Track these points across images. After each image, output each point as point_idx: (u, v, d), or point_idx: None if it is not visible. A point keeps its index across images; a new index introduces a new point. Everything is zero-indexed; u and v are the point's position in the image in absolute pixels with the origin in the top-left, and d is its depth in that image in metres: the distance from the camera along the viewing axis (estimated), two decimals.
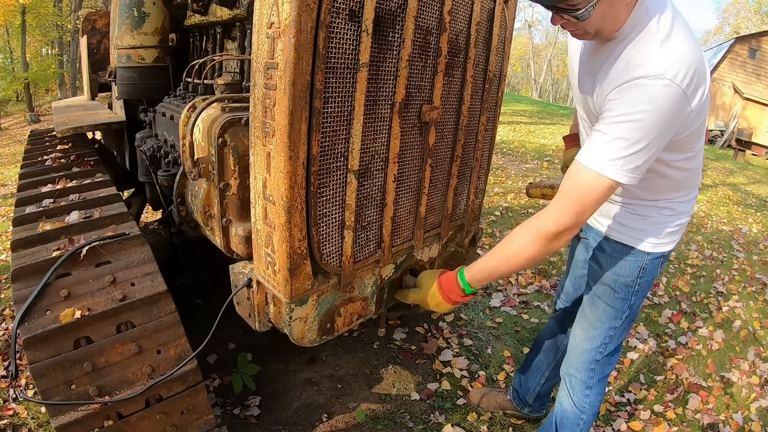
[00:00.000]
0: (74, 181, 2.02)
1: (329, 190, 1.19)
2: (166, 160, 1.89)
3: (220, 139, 1.38)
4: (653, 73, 0.99)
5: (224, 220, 1.46)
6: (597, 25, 1.05)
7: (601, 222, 1.43)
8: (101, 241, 1.49)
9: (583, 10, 1.00)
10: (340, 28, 1.05)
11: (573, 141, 1.75)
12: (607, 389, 2.28)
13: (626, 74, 1.03)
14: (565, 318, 1.79)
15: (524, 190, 1.72)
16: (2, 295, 2.93)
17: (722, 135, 14.97)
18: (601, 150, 1.04)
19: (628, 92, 1.01)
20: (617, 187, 1.06)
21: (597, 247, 1.45)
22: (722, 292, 3.53)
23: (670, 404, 2.25)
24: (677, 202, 1.32)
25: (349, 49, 1.09)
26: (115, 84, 2.46)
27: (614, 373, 2.42)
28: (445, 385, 2.24)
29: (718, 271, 3.92)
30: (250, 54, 1.31)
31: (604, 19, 1.04)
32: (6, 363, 2.23)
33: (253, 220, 1.24)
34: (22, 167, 2.29)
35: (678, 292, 3.43)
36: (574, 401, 1.54)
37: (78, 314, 1.30)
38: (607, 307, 1.43)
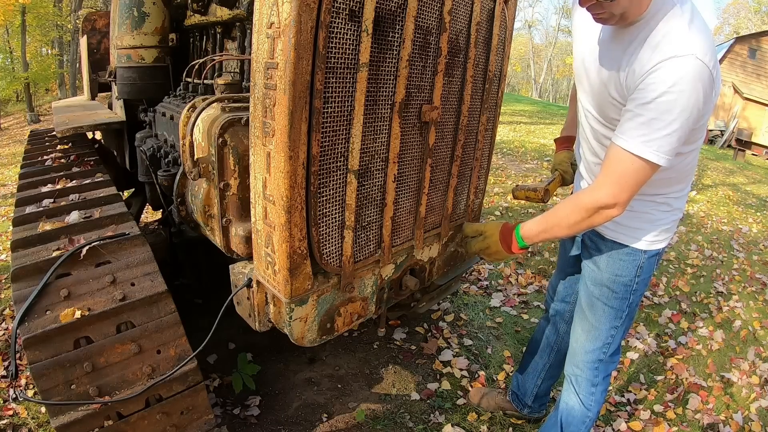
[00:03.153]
0: (74, 181, 2.02)
1: (329, 190, 1.19)
2: (166, 160, 1.89)
3: (220, 139, 1.38)
4: (684, 52, 1.01)
5: (224, 220, 1.46)
6: (625, 7, 1.07)
7: None
8: (101, 241, 1.49)
9: None
10: (340, 28, 1.05)
11: (564, 143, 1.76)
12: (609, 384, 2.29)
13: (658, 54, 1.04)
14: (557, 317, 1.79)
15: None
16: (2, 295, 2.93)
17: (722, 135, 14.96)
18: (637, 131, 1.05)
19: (659, 73, 1.03)
20: (655, 169, 1.08)
21: (593, 247, 1.45)
22: (722, 292, 3.53)
23: (670, 404, 2.25)
24: (673, 197, 1.33)
25: (349, 49, 1.09)
26: (115, 84, 2.46)
27: (614, 373, 2.42)
28: (445, 385, 2.24)
29: (718, 271, 3.92)
30: (250, 54, 1.31)
31: (631, 1, 1.05)
32: (6, 363, 2.23)
33: (253, 220, 1.24)
34: (22, 167, 2.28)
35: (678, 292, 3.43)
36: (581, 399, 1.55)
37: (78, 314, 1.30)
38: (606, 307, 1.43)
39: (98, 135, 3.36)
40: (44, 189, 1.93)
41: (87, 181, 2.02)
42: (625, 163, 1.08)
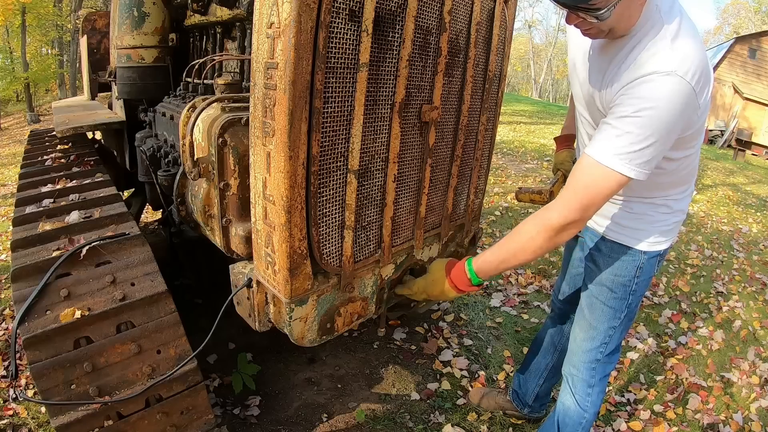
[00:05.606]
0: (74, 181, 2.02)
1: (329, 190, 1.19)
2: (166, 160, 1.89)
3: (220, 139, 1.38)
4: (665, 69, 1.00)
5: (224, 220, 1.46)
6: (612, 24, 1.06)
7: (597, 221, 1.43)
8: (101, 241, 1.49)
9: (605, 10, 1.00)
10: (340, 28, 1.05)
11: (565, 142, 1.75)
12: (607, 389, 2.28)
13: (638, 71, 1.04)
14: (562, 318, 1.79)
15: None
16: (2, 295, 2.93)
17: (722, 135, 14.97)
18: (610, 144, 1.04)
19: (639, 88, 1.02)
20: (626, 182, 1.06)
21: (593, 247, 1.45)
22: (722, 292, 3.53)
23: (670, 404, 2.25)
24: (673, 199, 1.32)
25: (349, 49, 1.09)
26: (115, 84, 2.46)
27: (614, 373, 2.42)
28: (445, 385, 2.24)
29: (718, 271, 3.92)
30: (250, 54, 1.31)
31: (620, 18, 1.04)
32: (6, 363, 2.23)
33: (253, 220, 1.24)
34: (22, 167, 2.28)
35: (678, 292, 3.43)
36: (576, 400, 1.54)
37: (78, 314, 1.30)
38: (605, 307, 1.43)
39: (98, 135, 3.36)
40: (44, 189, 1.93)
41: (87, 181, 2.01)
42: (595, 175, 1.06)
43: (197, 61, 2.01)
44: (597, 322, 1.46)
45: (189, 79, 2.04)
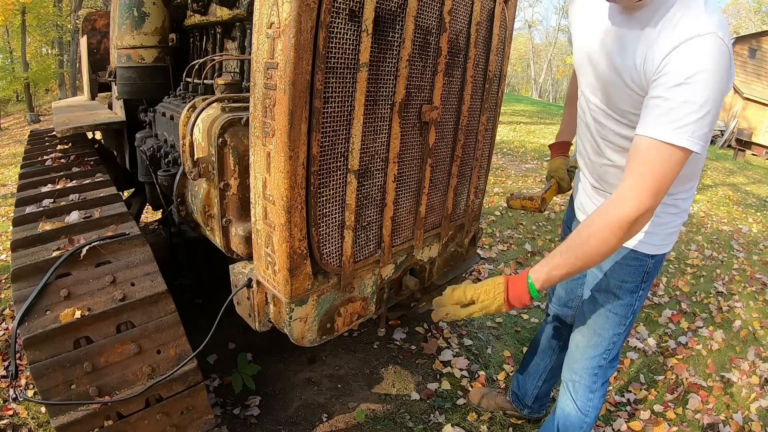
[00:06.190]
0: (74, 181, 2.02)
1: (329, 190, 1.19)
2: (166, 160, 1.89)
3: (220, 139, 1.38)
4: (706, 31, 0.95)
5: (224, 220, 1.46)
6: None
7: None
8: (101, 241, 1.49)
9: None
10: (340, 28, 1.05)
11: (559, 149, 1.70)
12: (607, 389, 2.28)
13: (678, 36, 0.98)
14: (559, 321, 1.77)
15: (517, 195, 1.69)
16: (2, 295, 2.93)
17: (722, 135, 14.96)
18: (667, 118, 0.97)
19: (685, 52, 0.96)
20: (688, 158, 0.99)
21: None
22: (722, 292, 3.53)
23: (670, 404, 2.25)
24: (681, 198, 1.28)
25: (349, 49, 1.09)
26: (115, 84, 2.46)
27: (614, 373, 2.42)
28: (445, 385, 2.24)
29: (718, 271, 3.92)
30: (250, 54, 1.31)
31: None
32: (6, 363, 2.23)
33: (253, 220, 1.24)
34: (22, 167, 2.28)
35: (678, 292, 3.42)
36: (578, 405, 1.52)
37: (78, 314, 1.30)
38: (610, 314, 1.39)
39: (98, 135, 3.36)
40: (44, 189, 1.93)
41: (87, 181, 2.01)
42: (658, 155, 0.98)
43: (197, 61, 2.01)
44: (602, 329, 1.42)
45: (189, 79, 2.05)
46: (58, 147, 2.62)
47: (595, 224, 1.04)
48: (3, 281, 3.08)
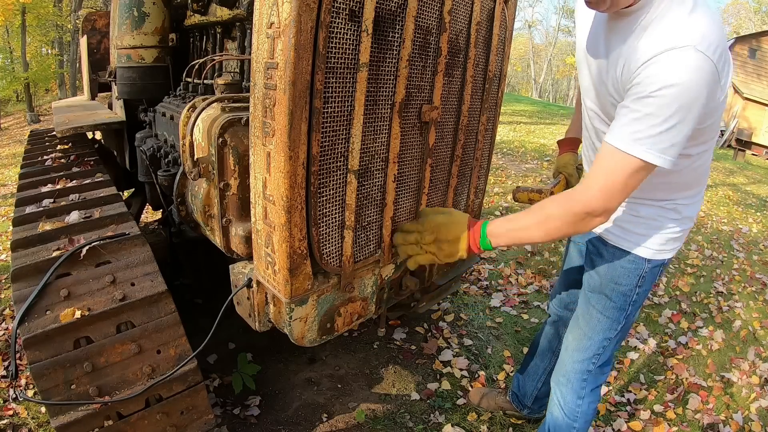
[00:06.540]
0: (74, 181, 2.02)
1: (329, 190, 1.19)
2: (166, 160, 1.89)
3: (220, 139, 1.38)
4: (683, 44, 0.92)
5: (224, 220, 1.46)
6: None
7: None
8: (101, 241, 1.49)
9: None
10: (340, 28, 1.05)
11: (568, 146, 1.69)
12: (607, 389, 2.29)
13: (654, 47, 0.96)
14: (560, 322, 1.77)
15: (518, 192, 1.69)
16: (2, 295, 2.93)
17: (722, 135, 14.96)
18: (629, 128, 0.97)
19: (657, 65, 0.94)
20: (650, 170, 0.99)
21: (594, 252, 1.39)
22: (722, 292, 3.53)
23: (670, 404, 2.25)
24: (683, 204, 1.25)
25: (349, 49, 1.09)
26: (115, 84, 2.46)
27: (614, 373, 2.42)
28: (445, 385, 2.24)
29: (718, 271, 3.92)
30: (250, 54, 1.31)
31: None
32: (6, 363, 2.23)
33: (253, 220, 1.24)
34: (22, 167, 2.28)
35: (678, 292, 3.43)
36: (564, 411, 1.50)
37: (78, 314, 1.30)
38: (601, 317, 1.37)
39: (98, 135, 3.36)
40: (44, 189, 1.93)
41: (87, 181, 2.01)
42: (615, 163, 0.99)
43: (197, 61, 2.01)
44: (592, 332, 1.40)
45: (189, 79, 2.05)
46: (58, 147, 2.62)
47: (552, 203, 1.10)
48: (3, 281, 3.08)
